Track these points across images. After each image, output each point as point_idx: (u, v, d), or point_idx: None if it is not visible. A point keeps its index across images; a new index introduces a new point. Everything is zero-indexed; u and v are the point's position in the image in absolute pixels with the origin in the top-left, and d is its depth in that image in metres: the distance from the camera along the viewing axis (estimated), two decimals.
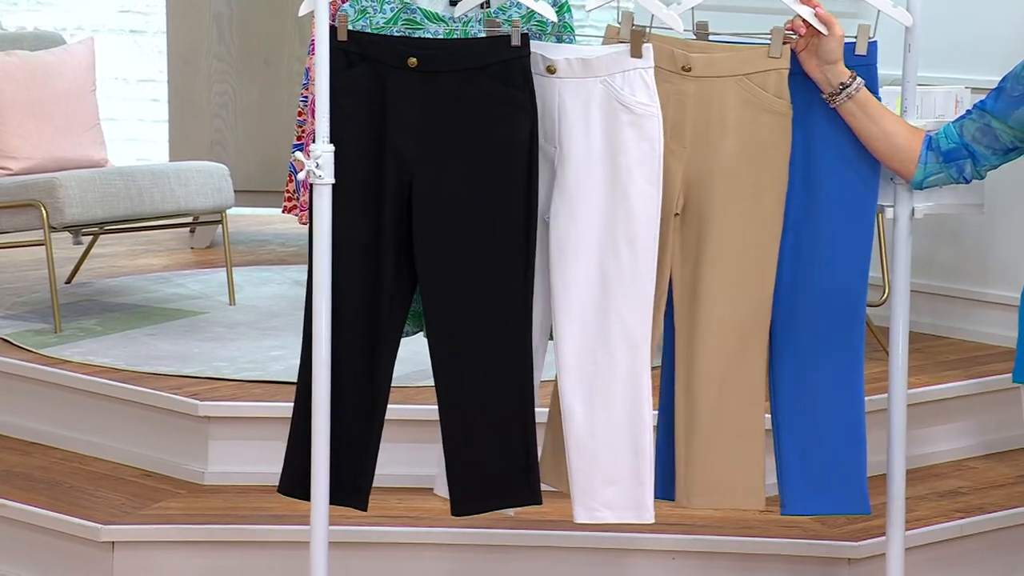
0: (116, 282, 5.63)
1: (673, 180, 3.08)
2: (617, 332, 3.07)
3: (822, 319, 3.12)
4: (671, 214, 3.09)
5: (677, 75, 3.06)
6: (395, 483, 4.07)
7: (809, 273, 3.11)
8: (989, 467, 4.42)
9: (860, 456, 3.14)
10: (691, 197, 3.09)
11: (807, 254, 3.11)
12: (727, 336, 3.09)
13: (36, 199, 4.94)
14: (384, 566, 3.95)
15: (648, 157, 3.02)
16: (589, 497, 3.13)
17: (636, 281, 3.05)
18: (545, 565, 3.92)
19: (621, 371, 3.08)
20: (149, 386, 4.37)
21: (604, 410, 3.10)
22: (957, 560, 4.03)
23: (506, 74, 3.06)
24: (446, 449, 3.17)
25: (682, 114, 3.07)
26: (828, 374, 3.13)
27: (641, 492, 3.10)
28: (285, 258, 6.07)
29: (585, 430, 3.11)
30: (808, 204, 3.10)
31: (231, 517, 4.00)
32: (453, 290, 3.12)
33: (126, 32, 7.60)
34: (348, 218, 3.12)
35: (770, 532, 3.89)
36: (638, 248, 3.05)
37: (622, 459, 3.10)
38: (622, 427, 3.09)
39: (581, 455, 3.12)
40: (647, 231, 3.04)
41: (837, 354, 3.13)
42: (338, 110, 3.09)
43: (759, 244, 3.08)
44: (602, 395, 3.10)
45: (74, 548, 3.98)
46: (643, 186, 3.03)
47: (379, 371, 3.17)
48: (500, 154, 3.08)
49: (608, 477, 3.11)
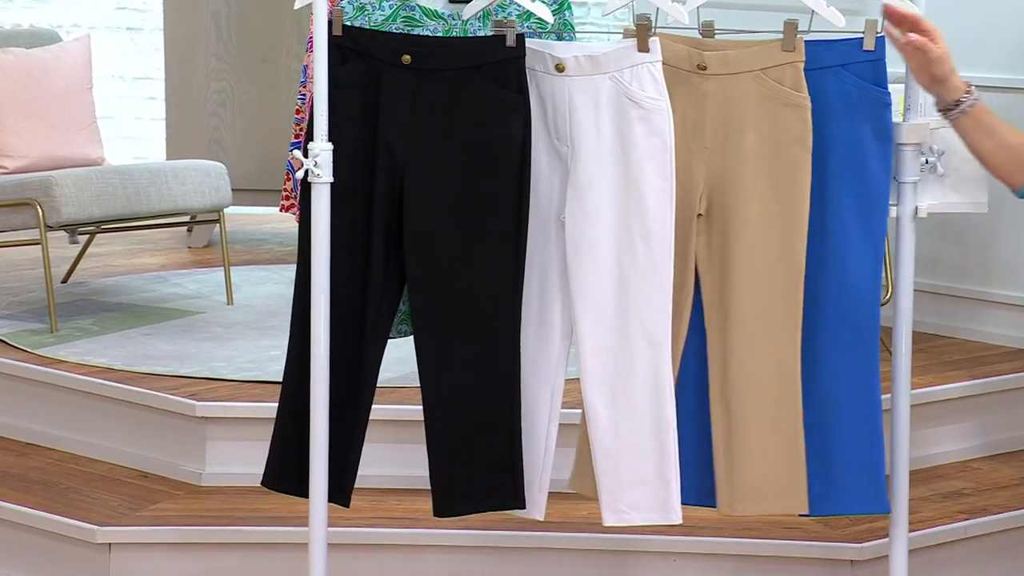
0: (113, 282, 5.64)
1: (695, 181, 3.08)
2: (637, 330, 3.07)
3: (838, 319, 3.12)
4: (694, 215, 3.09)
5: (695, 75, 3.06)
6: (394, 484, 4.07)
7: (824, 275, 3.11)
8: (993, 468, 4.43)
9: (878, 455, 3.14)
10: (715, 197, 3.09)
11: (821, 255, 3.10)
12: (760, 337, 3.09)
13: (32, 198, 4.95)
14: (383, 567, 3.95)
15: (659, 152, 3.02)
16: (616, 499, 3.12)
17: (654, 278, 3.05)
18: (544, 567, 3.93)
19: (642, 370, 3.07)
20: (146, 386, 4.38)
21: (627, 410, 3.09)
22: (961, 562, 4.03)
23: (501, 74, 3.06)
24: (430, 450, 3.18)
25: (702, 114, 3.07)
26: (845, 374, 3.13)
27: (667, 492, 3.08)
28: (283, 257, 6.09)
29: (609, 431, 3.11)
30: (821, 203, 3.09)
31: (229, 519, 4.01)
32: (441, 290, 3.13)
33: (123, 29, 7.62)
34: (338, 215, 3.12)
35: (771, 534, 3.89)
36: (653, 244, 3.04)
37: (647, 460, 3.09)
38: (646, 427, 3.08)
39: (607, 457, 3.11)
40: (662, 227, 3.04)
41: (854, 354, 3.12)
42: (332, 106, 3.08)
43: (786, 241, 3.07)
44: (625, 395, 3.09)
45: (70, 550, 3.99)
46: (656, 181, 3.03)
47: (366, 369, 3.18)
48: (492, 155, 3.08)
49: (634, 478, 3.10)
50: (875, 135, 3.07)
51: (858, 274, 3.10)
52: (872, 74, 3.05)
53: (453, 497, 3.18)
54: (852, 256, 3.10)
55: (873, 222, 3.10)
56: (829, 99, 3.08)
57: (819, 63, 3.07)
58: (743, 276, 3.08)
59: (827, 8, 3.06)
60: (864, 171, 3.08)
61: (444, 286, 3.13)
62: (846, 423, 3.13)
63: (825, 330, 3.12)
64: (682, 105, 3.07)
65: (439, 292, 3.13)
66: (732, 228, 3.08)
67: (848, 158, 3.08)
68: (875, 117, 3.07)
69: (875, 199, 3.09)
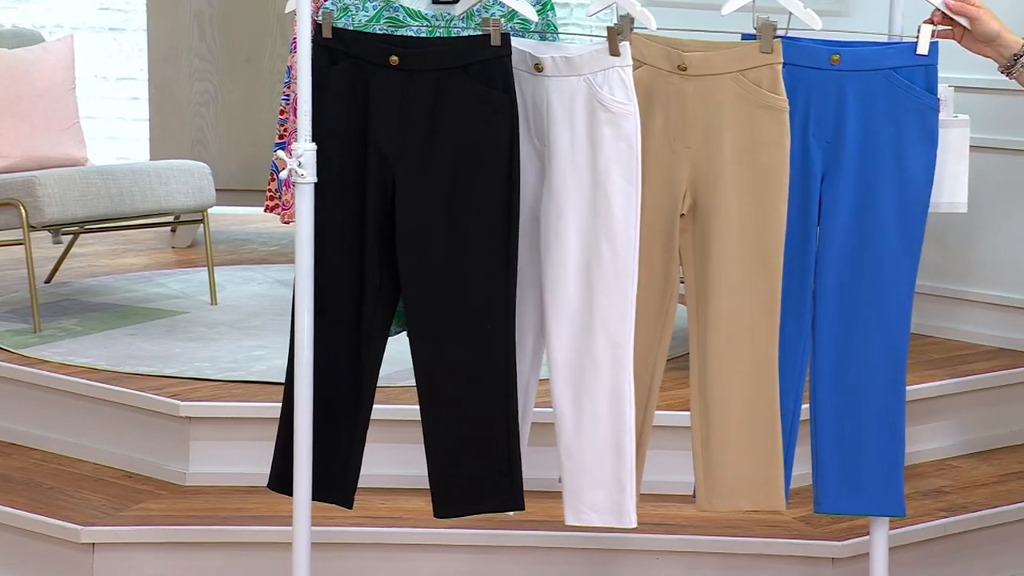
0: (96, 282, 5.63)
1: (679, 180, 3.09)
2: (600, 333, 3.08)
3: (870, 319, 3.13)
4: (676, 214, 3.10)
5: (676, 75, 3.07)
6: (379, 483, 4.07)
7: (860, 277, 3.12)
8: (972, 466, 4.44)
9: (899, 457, 3.16)
10: (698, 197, 3.10)
11: (858, 255, 3.12)
12: (738, 337, 3.10)
13: (15, 198, 4.94)
14: (367, 567, 3.95)
15: (625, 156, 3.03)
16: (577, 499, 3.14)
17: (616, 280, 3.05)
18: (528, 565, 3.93)
19: (604, 373, 3.08)
20: (130, 386, 4.37)
21: (590, 412, 3.11)
22: (940, 559, 4.04)
23: (487, 74, 3.07)
24: (428, 452, 3.18)
25: (683, 114, 3.08)
26: (875, 378, 3.14)
27: (622, 495, 3.10)
28: (267, 257, 6.08)
29: (572, 433, 3.13)
30: (862, 204, 3.10)
31: (213, 518, 4.00)
32: (435, 289, 3.13)
33: (106, 30, 7.60)
34: (332, 216, 3.13)
35: (753, 532, 3.91)
36: (617, 247, 3.05)
37: (605, 462, 3.11)
38: (606, 430, 3.10)
39: (569, 457, 3.13)
40: (626, 230, 3.04)
41: (883, 358, 3.14)
42: (320, 107, 3.09)
43: (763, 243, 3.08)
44: (588, 397, 3.11)
45: (54, 550, 3.98)
46: (621, 184, 3.03)
47: (365, 369, 3.19)
48: (479, 154, 3.09)
49: (593, 480, 3.12)
50: (921, 139, 3.08)
51: (894, 278, 3.12)
52: (923, 79, 3.05)
53: (452, 498, 3.19)
54: (889, 259, 3.11)
55: (912, 226, 3.12)
56: (878, 101, 3.08)
57: (871, 65, 3.08)
58: (721, 276, 3.10)
59: (804, 10, 3.07)
60: (907, 175, 3.09)
61: (437, 285, 3.13)
62: (870, 422, 3.14)
63: (856, 332, 3.13)
64: (665, 105, 3.08)
65: (432, 291, 3.13)
66: (711, 229, 3.09)
67: (892, 161, 3.09)
68: (922, 121, 3.07)
69: (915, 203, 3.10)
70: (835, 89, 3.09)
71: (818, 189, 3.12)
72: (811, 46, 3.10)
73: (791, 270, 3.14)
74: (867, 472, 3.17)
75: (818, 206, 3.13)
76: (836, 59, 3.08)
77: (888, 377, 3.15)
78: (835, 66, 3.08)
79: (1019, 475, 4.31)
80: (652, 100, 3.10)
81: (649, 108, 3.10)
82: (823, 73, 3.09)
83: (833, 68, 3.08)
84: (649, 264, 3.14)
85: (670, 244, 3.12)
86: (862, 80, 3.07)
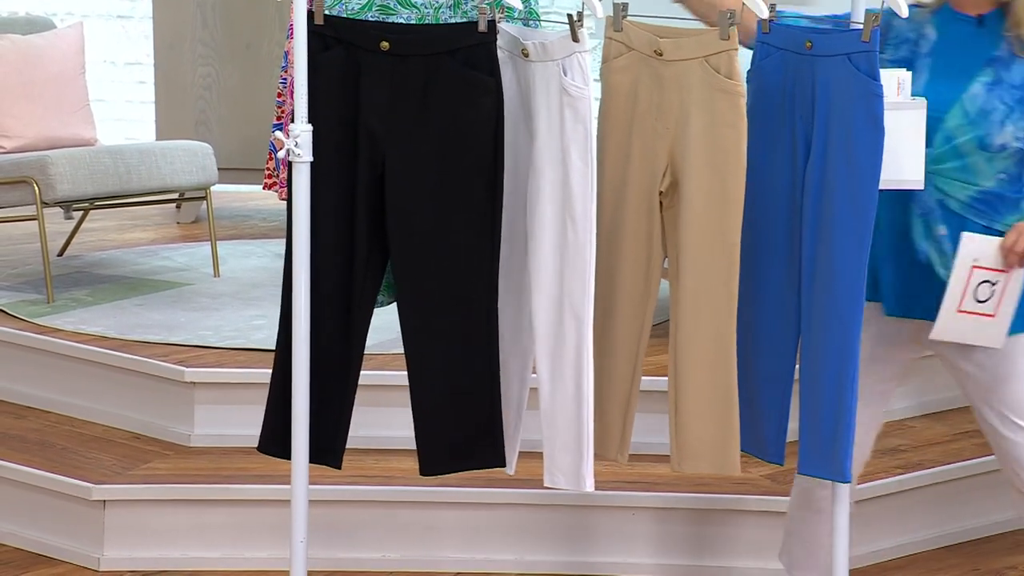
0: (106, 255, 5.65)
1: (657, 159, 3.12)
2: (567, 307, 3.12)
3: (825, 297, 3.14)
4: (656, 192, 3.14)
5: (654, 60, 3.10)
6: (371, 444, 4.14)
7: (817, 257, 3.13)
8: (926, 426, 4.51)
9: (848, 431, 3.14)
10: (675, 176, 3.14)
11: (819, 235, 3.12)
12: (700, 309, 3.13)
13: (29, 176, 4.95)
14: (361, 521, 4.00)
15: (581, 137, 3.06)
16: (552, 463, 3.20)
17: (578, 255, 3.09)
18: (511, 520, 3.99)
19: (570, 344, 3.12)
20: (138, 353, 4.40)
21: (560, 381, 3.15)
22: (898, 512, 4.12)
23: (473, 58, 3.09)
24: (415, 413, 3.22)
25: (661, 97, 3.11)
26: (829, 351, 3.14)
27: (580, 461, 3.13)
28: (266, 232, 6.08)
29: (548, 399, 3.18)
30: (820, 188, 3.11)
31: (216, 477, 4.05)
32: (423, 262, 3.16)
33: (114, 17, 7.52)
34: (325, 193, 3.15)
35: (723, 488, 3.96)
36: (577, 225, 3.08)
37: (571, 429, 3.15)
38: (570, 398, 3.14)
39: (547, 423, 3.19)
40: (583, 208, 3.08)
41: (835, 332, 3.12)
42: (314, 91, 3.10)
43: (723, 220, 3.09)
44: (559, 367, 3.15)
45: (67, 506, 4.02)
46: (579, 166, 3.07)
47: (354, 335, 3.20)
48: (465, 135, 3.10)
49: (561, 444, 3.17)
50: (867, 125, 3.05)
51: (842, 257, 3.09)
52: (867, 65, 3.03)
53: (438, 457, 3.21)
54: (839, 240, 3.10)
55: (861, 208, 3.08)
56: (839, 86, 3.06)
57: (833, 51, 3.07)
58: (686, 252, 3.14)
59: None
60: (856, 159, 3.06)
61: (424, 259, 3.15)
62: (825, 398, 3.15)
63: (814, 306, 3.15)
64: (647, 88, 3.12)
65: (420, 265, 3.15)
66: (682, 206, 3.13)
67: (843, 146, 3.07)
68: (868, 107, 3.05)
69: (864, 186, 3.07)
70: (809, 73, 3.10)
71: (804, 168, 3.14)
72: (792, 32, 3.11)
73: (783, 238, 3.17)
74: (823, 439, 3.16)
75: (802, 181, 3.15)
76: (809, 45, 3.09)
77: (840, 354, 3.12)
78: (808, 51, 3.09)
79: (969, 434, 4.38)
80: (638, 84, 3.13)
81: (636, 91, 3.14)
82: (800, 57, 3.10)
83: (807, 53, 3.09)
84: (635, 238, 3.18)
85: (651, 222, 3.15)
86: (827, 65, 3.07)
